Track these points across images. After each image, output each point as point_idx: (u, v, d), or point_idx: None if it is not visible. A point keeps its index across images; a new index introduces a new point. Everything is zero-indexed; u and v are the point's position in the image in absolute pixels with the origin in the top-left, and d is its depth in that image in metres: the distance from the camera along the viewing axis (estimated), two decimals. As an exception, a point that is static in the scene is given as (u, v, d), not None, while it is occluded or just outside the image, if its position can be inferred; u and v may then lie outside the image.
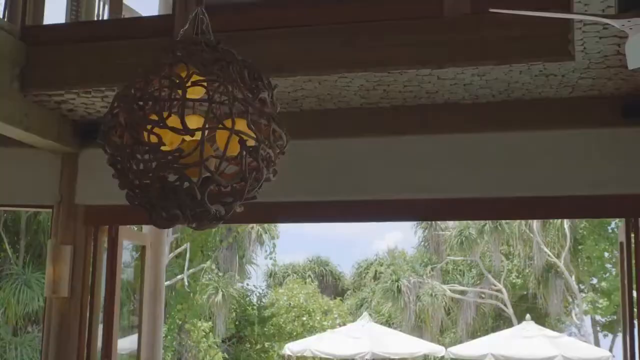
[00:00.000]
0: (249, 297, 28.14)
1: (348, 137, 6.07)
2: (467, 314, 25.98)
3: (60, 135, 6.18)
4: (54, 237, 6.44)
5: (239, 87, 2.95)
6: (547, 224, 24.58)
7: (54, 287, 6.25)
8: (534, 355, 14.38)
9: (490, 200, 5.92)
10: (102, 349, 6.47)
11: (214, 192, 2.91)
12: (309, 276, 31.55)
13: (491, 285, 25.83)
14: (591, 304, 24.50)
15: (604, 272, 24.66)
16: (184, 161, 2.82)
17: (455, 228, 25.35)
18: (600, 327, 26.81)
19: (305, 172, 6.02)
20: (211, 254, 22.36)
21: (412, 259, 28.54)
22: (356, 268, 33.47)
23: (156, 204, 2.90)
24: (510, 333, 15.43)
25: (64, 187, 6.47)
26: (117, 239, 6.57)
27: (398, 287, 26.03)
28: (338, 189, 6.05)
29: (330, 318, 26.61)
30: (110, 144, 2.94)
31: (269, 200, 5.67)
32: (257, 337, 26.82)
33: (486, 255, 26.68)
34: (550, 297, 25.21)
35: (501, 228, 24.32)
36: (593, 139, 5.66)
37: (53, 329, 6.32)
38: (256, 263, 27.34)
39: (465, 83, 5.34)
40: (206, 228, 3.08)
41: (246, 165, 2.91)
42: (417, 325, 25.69)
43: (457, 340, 24.06)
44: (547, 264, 24.77)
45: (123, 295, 7.82)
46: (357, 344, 13.95)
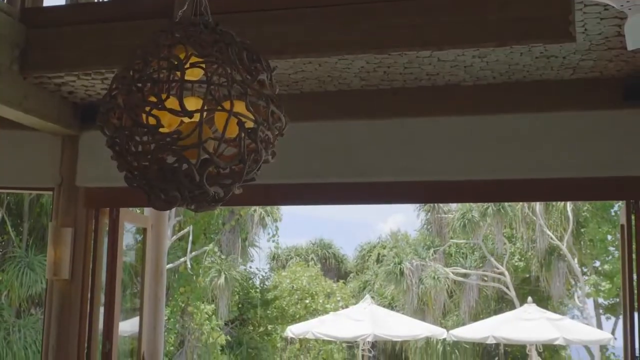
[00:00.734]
0: (251, 279, 28.23)
1: (348, 119, 6.06)
2: (469, 297, 26.02)
3: (60, 118, 6.18)
4: (54, 219, 6.46)
5: (237, 68, 2.94)
6: (550, 207, 24.57)
7: (55, 270, 6.27)
8: (535, 338, 14.42)
9: (490, 182, 5.91)
10: (104, 331, 6.50)
11: (213, 174, 2.91)
12: (312, 259, 31.62)
13: (494, 268, 25.86)
14: (594, 286, 24.52)
15: (606, 255, 24.68)
16: (182, 143, 2.81)
17: (458, 211, 25.35)
18: (602, 310, 26.86)
19: (305, 154, 6.02)
20: (214, 237, 22.40)
21: (415, 242, 28.56)
22: (359, 251, 33.52)
23: (155, 186, 2.90)
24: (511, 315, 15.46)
25: (65, 169, 6.48)
26: (117, 221, 6.58)
27: (401, 270, 26.07)
28: (338, 171, 6.05)
29: (333, 301, 26.69)
30: (109, 126, 2.93)
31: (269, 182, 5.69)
32: (260, 320, 26.93)
33: (489, 238, 26.69)
34: (552, 280, 25.24)
35: (504, 211, 24.32)
36: (594, 121, 5.65)
37: (54, 311, 6.34)
38: (259, 246, 27.42)
39: (465, 65, 5.32)
40: (205, 210, 3.08)
41: (245, 147, 2.91)
42: (419, 308, 25.75)
43: (459, 322, 24.12)
44: (549, 246, 24.78)
45: (126, 277, 7.84)
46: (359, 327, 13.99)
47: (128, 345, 7.53)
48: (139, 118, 2.82)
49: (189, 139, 2.80)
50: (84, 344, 6.39)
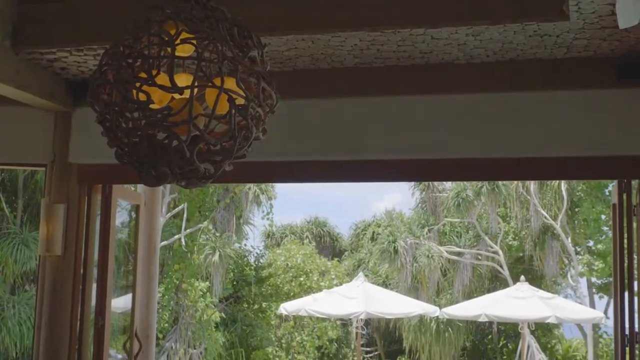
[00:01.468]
0: (246, 257, 28.27)
1: (341, 97, 6.07)
2: (463, 275, 26.09)
3: (53, 94, 6.16)
4: (47, 195, 6.46)
5: (228, 45, 2.94)
6: (544, 186, 24.61)
7: (47, 246, 6.28)
8: (527, 316, 14.50)
9: (483, 161, 5.93)
10: (96, 307, 6.52)
11: (203, 150, 2.91)
12: (307, 237, 31.66)
13: (488, 247, 25.93)
14: (587, 266, 24.61)
15: (600, 235, 24.76)
16: (172, 119, 2.81)
17: (452, 190, 25.37)
18: (595, 289, 26.97)
19: (299, 131, 6.03)
20: (208, 215, 22.41)
21: (410, 221, 28.58)
22: (354, 229, 33.56)
23: (145, 162, 2.90)
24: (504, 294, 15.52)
25: (57, 145, 6.48)
26: (110, 198, 6.58)
27: (395, 249, 26.11)
28: (331, 149, 6.06)
29: (328, 279, 26.76)
30: (99, 102, 2.93)
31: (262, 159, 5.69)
32: (255, 297, 27.00)
33: (483, 217, 26.75)
34: (546, 259, 25.31)
35: (498, 190, 24.34)
36: (587, 100, 5.66)
37: (47, 287, 6.36)
38: (253, 224, 27.42)
39: (459, 43, 5.32)
40: (195, 187, 3.08)
41: (235, 123, 2.91)
42: (413, 286, 25.82)
43: (453, 301, 24.21)
44: (543, 226, 24.84)
45: (120, 255, 7.85)
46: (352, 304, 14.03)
47: (121, 321, 7.56)
48: (129, 94, 2.82)
49: (180, 115, 2.80)
50: (77, 320, 6.42)
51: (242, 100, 2.91)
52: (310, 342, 26.18)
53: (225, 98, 2.84)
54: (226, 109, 2.87)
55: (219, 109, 2.85)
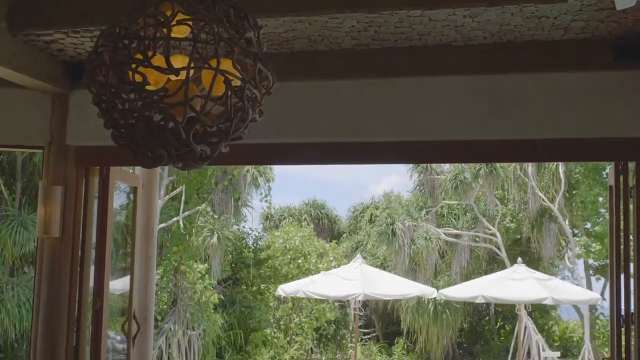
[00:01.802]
0: (244, 239, 28.32)
1: (339, 79, 6.06)
2: (461, 257, 26.15)
3: (50, 76, 6.15)
4: (45, 177, 6.46)
5: (224, 26, 2.93)
6: (541, 169, 24.62)
7: (45, 228, 6.29)
8: (524, 297, 14.54)
9: (481, 142, 5.93)
10: (94, 289, 6.54)
11: (200, 132, 2.92)
12: (305, 219, 31.68)
13: (485, 229, 25.97)
14: (584, 247, 24.65)
15: (597, 217, 24.79)
16: (168, 101, 2.82)
17: (450, 172, 25.37)
18: (592, 271, 27.04)
19: (296, 113, 6.03)
20: (206, 197, 22.42)
21: (408, 203, 28.59)
22: (352, 212, 33.58)
23: (141, 144, 2.91)
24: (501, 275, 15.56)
25: (55, 127, 6.47)
26: (108, 180, 6.59)
27: (393, 231, 26.14)
28: (328, 131, 6.06)
29: (326, 261, 26.82)
30: (95, 83, 2.93)
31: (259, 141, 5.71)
32: (253, 279, 27.06)
33: (481, 199, 26.77)
34: (543, 241, 25.36)
35: (496, 172, 24.35)
36: (584, 82, 5.66)
37: (45, 269, 6.38)
38: (252, 206, 27.44)
39: (456, 25, 5.30)
40: (192, 168, 3.09)
41: (231, 105, 2.91)
42: (411, 268, 25.88)
43: (450, 282, 24.27)
44: (541, 208, 24.87)
45: (119, 237, 7.87)
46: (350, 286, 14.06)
47: (120, 303, 7.58)
48: (125, 75, 2.82)
49: (176, 96, 2.80)
50: (75, 302, 6.44)
51: (239, 82, 2.91)
52: (309, 323, 26.28)
53: (222, 79, 2.85)
54: (222, 90, 2.87)
55: (215, 90, 2.85)
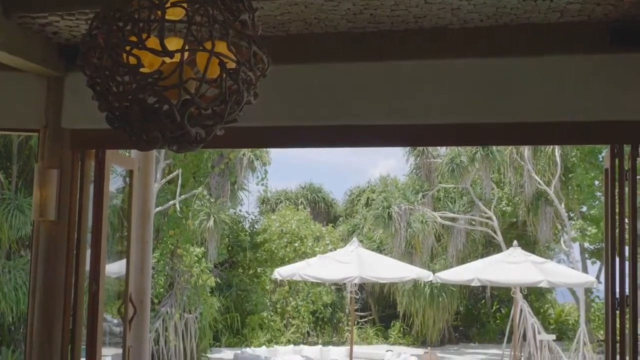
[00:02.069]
0: (241, 223, 28.36)
1: (335, 62, 6.04)
2: (457, 241, 26.23)
3: (45, 58, 6.13)
4: (40, 160, 6.45)
5: (219, 8, 2.92)
6: (538, 152, 24.65)
7: (41, 211, 6.29)
8: (519, 280, 14.59)
9: (476, 125, 5.93)
10: (90, 272, 6.55)
11: (194, 114, 2.91)
12: (302, 203, 31.74)
13: (481, 212, 26.03)
14: (580, 231, 24.72)
15: (593, 200, 24.85)
16: (163, 83, 2.81)
17: (447, 155, 25.39)
18: (588, 254, 27.13)
19: (292, 96, 6.02)
20: (203, 180, 22.42)
21: (404, 186, 28.64)
22: (348, 195, 33.64)
23: (136, 127, 2.90)
24: (496, 259, 15.61)
25: (50, 111, 6.45)
26: (103, 163, 6.58)
27: (389, 214, 26.20)
28: (324, 114, 6.06)
29: (322, 244, 26.89)
30: (89, 66, 2.92)
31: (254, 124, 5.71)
32: (250, 263, 27.14)
33: (477, 182, 26.82)
34: (539, 225, 25.43)
35: (492, 156, 24.38)
36: (579, 65, 5.65)
37: (41, 252, 6.38)
38: (248, 189, 27.47)
39: (453, 7, 5.29)
40: (187, 151, 3.09)
41: (226, 87, 2.91)
42: (407, 252, 25.96)
43: (446, 266, 24.35)
44: (537, 191, 24.92)
45: (115, 220, 7.87)
46: (346, 269, 14.09)
47: (116, 286, 7.59)
48: (119, 58, 2.81)
49: (170, 79, 2.79)
50: (71, 285, 6.44)
51: (233, 64, 2.90)
52: (305, 306, 26.37)
53: (216, 62, 2.84)
54: (217, 73, 2.86)
55: (210, 72, 2.84)
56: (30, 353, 6.41)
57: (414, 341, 27.07)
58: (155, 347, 19.74)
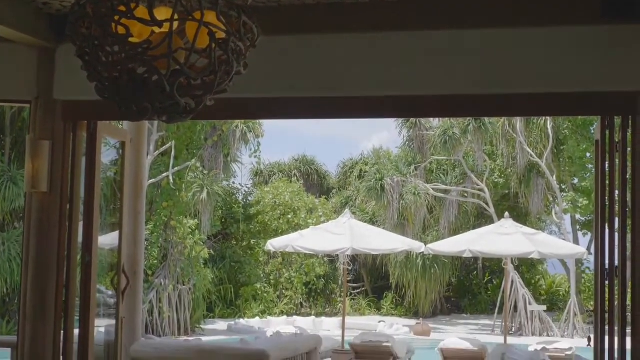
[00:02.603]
0: (234, 195, 28.38)
1: (327, 33, 6.03)
2: (449, 213, 26.30)
3: (36, 29, 6.10)
4: (32, 132, 6.44)
5: (208, -22, 2.92)
6: (530, 124, 24.67)
7: (33, 182, 6.29)
8: (510, 251, 14.63)
9: (468, 97, 5.94)
10: (83, 243, 6.57)
11: (184, 85, 2.92)
12: (295, 175, 31.75)
13: (474, 184, 26.09)
14: (571, 203, 24.81)
15: (584, 172, 24.92)
16: (152, 53, 2.81)
17: (439, 127, 25.39)
18: (579, 226, 27.26)
19: (284, 68, 6.01)
20: (196, 152, 22.39)
21: (397, 159, 28.66)
22: (341, 167, 33.65)
23: (126, 97, 2.91)
24: (488, 230, 15.63)
25: (42, 82, 6.43)
26: (95, 135, 6.58)
27: (382, 186, 26.25)
28: (316, 85, 6.05)
29: (315, 216, 26.94)
30: (78, 36, 2.92)
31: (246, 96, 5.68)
32: (243, 235, 27.19)
33: (469, 154, 26.86)
34: (531, 197, 25.52)
35: (485, 128, 24.39)
36: (571, 36, 5.65)
37: (33, 223, 6.39)
38: (241, 162, 27.46)
39: (445, -21, 5.28)
40: (177, 121, 3.10)
41: (215, 58, 2.91)
42: (400, 223, 26.03)
43: (439, 238, 24.39)
44: (529, 163, 24.98)
45: (109, 192, 7.88)
46: (338, 240, 14.12)
47: (110, 258, 7.62)
48: (108, 28, 2.81)
49: (159, 49, 2.80)
50: (64, 256, 6.46)
51: (223, 34, 2.91)
52: (298, 278, 26.48)
53: (206, 32, 2.84)
54: (206, 43, 2.86)
55: (199, 42, 2.85)
56: (24, 324, 6.44)
57: (406, 312, 27.24)
58: (149, 319, 19.83)
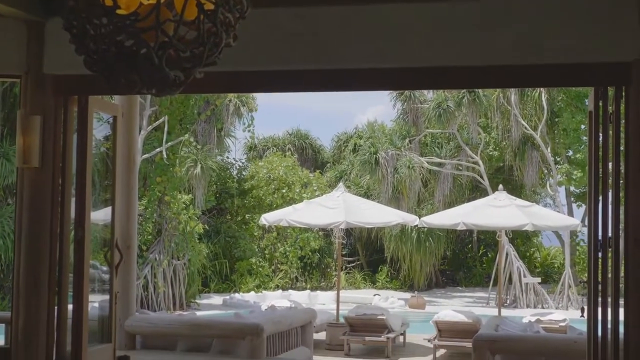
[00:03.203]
0: (228, 170, 28.37)
1: (318, 5, 5.98)
2: (444, 186, 26.33)
3: (25, 3, 6.04)
4: (23, 107, 6.40)
5: (196, -52, 2.88)
6: (524, 97, 24.64)
7: (24, 158, 6.26)
8: (504, 224, 14.66)
9: (461, 68, 5.91)
10: (75, 218, 6.55)
11: (173, 57, 2.89)
12: (289, 149, 31.72)
13: (468, 157, 26.09)
14: (566, 175, 24.86)
15: (579, 144, 24.92)
16: (140, 25, 2.78)
17: (434, 100, 25.33)
18: (574, 198, 27.33)
19: (275, 40, 5.97)
20: (189, 127, 22.32)
21: (391, 132, 28.62)
22: (336, 141, 33.62)
23: (114, 70, 2.88)
24: (482, 202, 15.65)
25: (32, 56, 6.38)
26: (86, 109, 6.54)
27: (376, 160, 26.23)
28: (308, 58, 6.01)
29: (310, 190, 26.95)
30: (65, 8, 2.88)
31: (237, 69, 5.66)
32: (238, 209, 27.22)
33: (464, 127, 26.83)
34: (526, 169, 25.53)
35: (479, 100, 24.35)
36: (563, 5, 5.62)
37: (26, 199, 6.37)
38: (235, 136, 27.42)
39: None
40: (166, 94, 3.07)
41: (204, 29, 2.88)
42: (394, 197, 26.05)
43: (433, 211, 24.43)
44: (523, 136, 24.97)
45: (102, 168, 7.85)
46: (332, 214, 14.13)
47: (103, 234, 7.61)
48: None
49: (147, 21, 2.76)
50: (57, 231, 6.45)
51: (211, 6, 2.87)
52: (293, 252, 26.54)
53: (194, 3, 2.80)
54: (195, 14, 2.83)
55: (187, 14, 2.81)
56: (18, 300, 6.44)
57: (401, 285, 27.36)
58: (145, 294, 19.87)
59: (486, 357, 7.57)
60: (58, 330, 6.55)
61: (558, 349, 7.71)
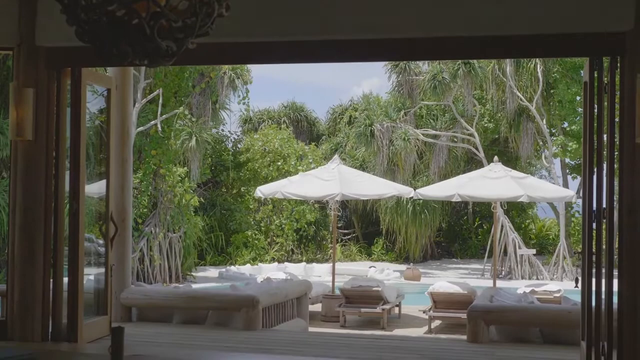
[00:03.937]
0: (224, 142, 28.30)
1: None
2: (439, 158, 26.32)
3: (15, -26, 6.00)
4: (16, 79, 6.38)
5: None
6: (520, 68, 24.57)
7: (18, 130, 6.24)
8: (499, 195, 14.67)
9: (456, 39, 5.89)
10: (70, 191, 6.54)
11: (165, 27, 2.86)
12: (284, 122, 31.64)
13: (463, 129, 26.06)
14: (561, 147, 24.85)
15: (574, 116, 24.88)
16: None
17: (429, 72, 25.24)
18: (569, 170, 27.34)
19: (270, 11, 5.93)
20: (184, 100, 22.21)
21: (386, 104, 28.55)
22: (331, 114, 33.54)
23: (106, 40, 2.85)
24: (477, 174, 15.64)
25: (24, 28, 6.35)
26: (80, 81, 6.51)
27: (371, 132, 26.19)
28: (304, 29, 5.99)
29: (305, 163, 26.93)
30: (56, -22, 2.86)
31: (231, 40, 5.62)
32: (233, 182, 27.20)
33: (459, 99, 26.78)
34: (521, 141, 25.51)
35: (474, 72, 24.26)
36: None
37: (19, 171, 6.36)
38: (230, 109, 27.32)
39: None
40: (159, 65, 3.05)
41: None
42: (390, 169, 26.05)
43: (429, 183, 24.43)
44: (519, 108, 24.93)
45: (97, 141, 7.83)
46: (327, 186, 14.10)
47: (98, 207, 7.60)
48: (86, -31, 2.75)
49: (139, -9, 2.74)
50: (51, 204, 6.44)
51: (203, -25, 2.85)
52: (289, 225, 26.57)
53: (186, -27, 2.78)
54: (187, -16, 2.81)
55: (180, -16, 2.79)
56: (13, 273, 6.45)
57: (397, 257, 27.43)
58: (140, 267, 19.90)
59: (481, 327, 7.61)
60: (54, 302, 6.57)
61: (552, 320, 7.76)
